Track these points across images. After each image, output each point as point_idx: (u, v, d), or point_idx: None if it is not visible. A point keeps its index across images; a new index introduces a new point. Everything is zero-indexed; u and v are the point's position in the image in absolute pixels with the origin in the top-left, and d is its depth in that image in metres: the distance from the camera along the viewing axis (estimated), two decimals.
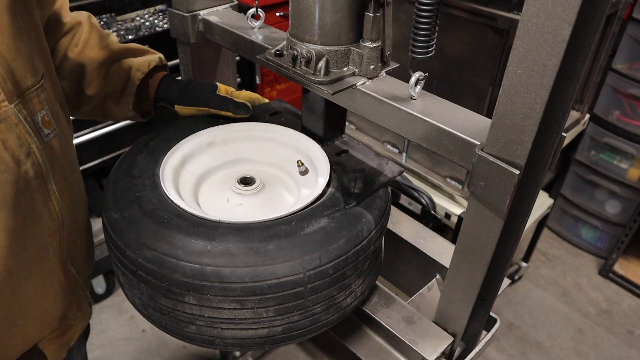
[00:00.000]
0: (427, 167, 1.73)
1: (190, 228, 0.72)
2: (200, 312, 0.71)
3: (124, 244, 0.72)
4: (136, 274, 0.72)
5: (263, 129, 0.96)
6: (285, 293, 0.69)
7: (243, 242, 0.70)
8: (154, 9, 2.10)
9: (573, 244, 2.67)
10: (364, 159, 0.91)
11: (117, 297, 2.20)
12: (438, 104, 0.72)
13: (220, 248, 0.69)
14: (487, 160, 0.61)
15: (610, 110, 2.27)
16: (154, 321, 0.77)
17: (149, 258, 0.69)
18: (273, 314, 0.71)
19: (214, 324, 0.72)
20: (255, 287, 0.68)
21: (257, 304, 0.69)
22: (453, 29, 1.48)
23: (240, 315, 0.70)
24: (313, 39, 0.76)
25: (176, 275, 0.68)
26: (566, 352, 2.15)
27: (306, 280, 0.69)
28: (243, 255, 0.69)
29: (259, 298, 0.69)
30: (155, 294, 0.72)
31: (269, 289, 0.68)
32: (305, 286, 0.70)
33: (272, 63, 0.82)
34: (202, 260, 0.68)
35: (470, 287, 0.74)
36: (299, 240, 0.72)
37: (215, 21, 0.99)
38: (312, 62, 0.76)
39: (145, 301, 0.75)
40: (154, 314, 0.75)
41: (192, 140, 0.91)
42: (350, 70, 0.78)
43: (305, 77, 0.77)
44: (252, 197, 0.86)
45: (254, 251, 0.69)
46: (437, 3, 0.68)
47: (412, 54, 0.72)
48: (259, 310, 0.70)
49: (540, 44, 0.51)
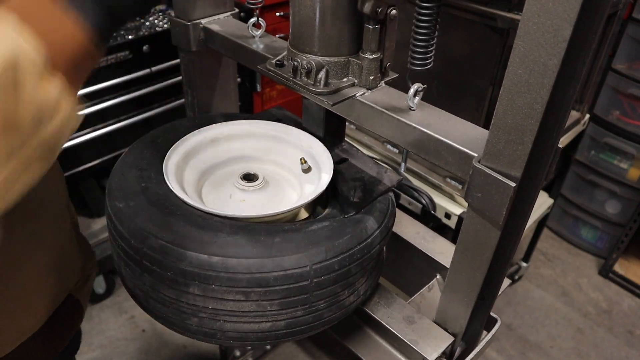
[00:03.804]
0: (427, 167, 1.73)
1: (196, 219, 0.73)
2: (204, 304, 0.71)
3: (129, 233, 0.72)
4: (140, 264, 0.72)
5: (266, 127, 0.97)
6: (291, 286, 0.69)
7: (250, 234, 0.71)
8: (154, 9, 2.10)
9: (573, 244, 2.67)
10: (363, 167, 0.92)
11: (117, 297, 2.20)
12: (436, 115, 0.73)
13: (227, 239, 0.70)
14: (483, 173, 0.62)
15: (610, 110, 2.27)
16: (155, 314, 0.77)
17: (154, 247, 0.70)
18: (277, 307, 0.71)
19: (217, 316, 0.72)
20: (261, 279, 0.68)
21: (262, 296, 0.70)
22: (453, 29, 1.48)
23: (244, 307, 0.70)
24: (313, 50, 0.77)
25: (182, 265, 0.68)
26: (566, 352, 2.15)
27: (312, 274, 0.70)
28: (250, 246, 0.69)
29: (264, 290, 0.69)
30: (158, 284, 0.72)
31: (275, 280, 0.68)
32: (311, 280, 0.70)
33: (272, 73, 0.83)
34: (208, 249, 0.68)
35: (470, 287, 0.74)
36: (305, 234, 0.73)
37: (216, 30, 1.00)
38: (312, 73, 0.77)
39: (148, 293, 0.75)
40: (156, 306, 0.75)
41: (196, 137, 0.91)
42: (349, 80, 0.79)
43: (305, 87, 0.79)
44: (255, 193, 0.86)
45: (261, 243, 0.70)
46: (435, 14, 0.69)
47: (410, 66, 0.73)
48: (263, 303, 0.70)
49: (541, 44, 0.51)
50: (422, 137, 0.70)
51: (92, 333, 2.05)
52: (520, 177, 0.60)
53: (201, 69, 1.11)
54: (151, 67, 1.87)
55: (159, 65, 1.89)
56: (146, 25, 1.95)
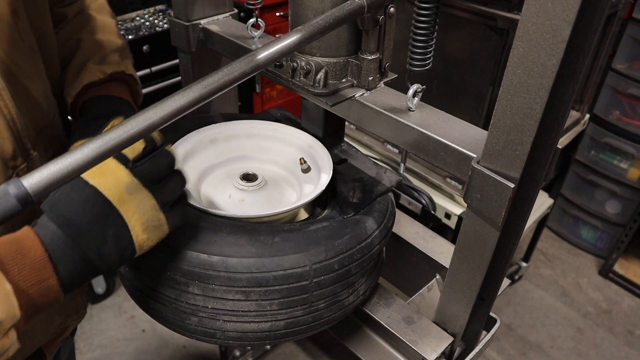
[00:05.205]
0: (427, 167, 1.73)
1: (197, 219, 0.73)
2: (204, 303, 0.70)
3: None
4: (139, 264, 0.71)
5: (266, 127, 0.97)
6: (291, 286, 0.69)
7: (250, 234, 0.71)
8: (154, 9, 2.10)
9: (573, 244, 2.67)
10: (363, 168, 0.91)
11: (117, 297, 2.20)
12: (435, 115, 0.73)
13: (227, 238, 0.70)
14: (482, 174, 0.62)
15: (610, 110, 2.27)
16: (154, 314, 0.77)
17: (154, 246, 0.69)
18: (277, 307, 0.71)
19: (217, 316, 0.72)
20: (261, 278, 0.68)
21: (262, 296, 0.69)
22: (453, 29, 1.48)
23: (244, 307, 0.70)
24: (312, 51, 0.77)
25: (182, 264, 0.68)
26: (566, 352, 2.15)
27: (312, 273, 0.70)
28: (250, 245, 0.69)
29: (264, 289, 0.69)
30: (158, 284, 0.72)
31: (274, 280, 0.68)
32: (311, 280, 0.70)
33: (271, 74, 0.83)
34: (209, 249, 0.68)
35: (470, 287, 0.74)
36: (305, 234, 0.73)
37: (215, 30, 1.00)
38: (311, 73, 0.77)
39: (147, 292, 0.75)
40: (156, 305, 0.75)
41: (195, 137, 0.91)
42: (348, 81, 0.79)
43: (304, 88, 0.79)
44: (255, 193, 0.86)
45: (260, 242, 0.70)
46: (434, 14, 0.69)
47: (409, 67, 0.73)
48: (263, 303, 0.70)
49: (540, 44, 0.51)
50: (421, 137, 0.70)
51: (92, 333, 2.05)
52: (520, 178, 0.60)
53: (201, 70, 1.10)
54: (151, 67, 1.88)
55: (158, 65, 1.90)
56: (146, 25, 1.95)
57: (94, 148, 0.47)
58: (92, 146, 0.47)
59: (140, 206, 0.59)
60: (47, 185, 0.46)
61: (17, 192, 0.44)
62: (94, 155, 0.47)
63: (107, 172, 0.58)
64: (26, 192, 0.44)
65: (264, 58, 0.58)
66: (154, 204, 0.60)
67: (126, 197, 0.58)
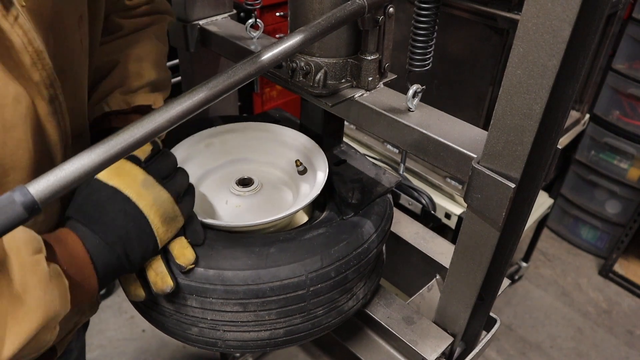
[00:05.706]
0: (427, 167, 1.73)
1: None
2: (203, 315, 0.71)
3: None
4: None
5: (261, 128, 0.96)
6: (288, 295, 0.69)
7: (245, 246, 0.71)
8: None
9: (573, 244, 2.67)
10: (362, 168, 0.91)
11: (117, 297, 2.20)
12: (435, 116, 0.73)
13: (223, 251, 0.70)
14: (483, 174, 0.62)
15: (610, 110, 2.27)
16: (156, 324, 0.77)
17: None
18: (275, 316, 0.71)
19: (217, 326, 0.72)
20: (258, 290, 0.68)
21: (260, 307, 0.70)
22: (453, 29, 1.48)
23: (242, 318, 0.70)
24: (312, 51, 0.77)
25: (179, 279, 0.68)
26: (566, 352, 2.15)
27: (308, 282, 0.70)
28: (245, 257, 0.69)
29: (261, 301, 0.69)
30: (157, 297, 0.72)
31: (271, 291, 0.68)
32: (308, 289, 0.70)
33: (271, 74, 0.83)
34: (205, 262, 0.69)
35: (470, 287, 0.74)
36: (300, 243, 0.72)
37: (214, 31, 1.00)
38: (310, 74, 0.77)
39: (148, 304, 0.75)
40: (157, 316, 0.75)
41: (189, 142, 0.90)
42: (348, 82, 0.79)
43: (303, 89, 0.78)
44: (251, 198, 0.86)
45: (256, 254, 0.69)
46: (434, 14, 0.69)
47: (409, 67, 0.73)
48: (261, 313, 0.70)
49: (540, 44, 0.51)
50: (421, 138, 0.70)
51: (91, 333, 2.04)
52: (520, 178, 0.60)
53: (200, 70, 1.10)
54: None
55: None
56: None
57: (99, 153, 0.48)
58: (98, 151, 0.48)
59: (157, 200, 0.64)
60: (54, 191, 0.44)
61: (24, 200, 0.42)
62: (100, 160, 0.47)
63: (123, 173, 0.64)
64: (32, 199, 0.43)
65: (269, 59, 0.58)
66: (168, 197, 0.65)
67: (143, 192, 0.63)
